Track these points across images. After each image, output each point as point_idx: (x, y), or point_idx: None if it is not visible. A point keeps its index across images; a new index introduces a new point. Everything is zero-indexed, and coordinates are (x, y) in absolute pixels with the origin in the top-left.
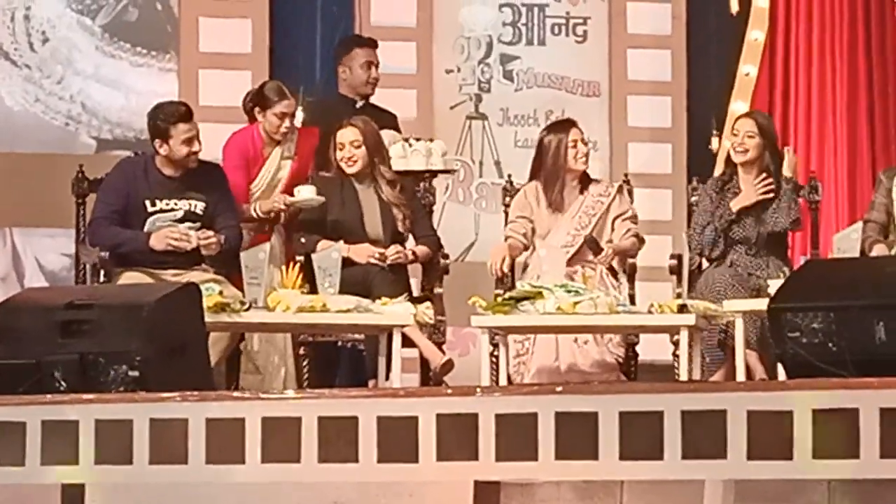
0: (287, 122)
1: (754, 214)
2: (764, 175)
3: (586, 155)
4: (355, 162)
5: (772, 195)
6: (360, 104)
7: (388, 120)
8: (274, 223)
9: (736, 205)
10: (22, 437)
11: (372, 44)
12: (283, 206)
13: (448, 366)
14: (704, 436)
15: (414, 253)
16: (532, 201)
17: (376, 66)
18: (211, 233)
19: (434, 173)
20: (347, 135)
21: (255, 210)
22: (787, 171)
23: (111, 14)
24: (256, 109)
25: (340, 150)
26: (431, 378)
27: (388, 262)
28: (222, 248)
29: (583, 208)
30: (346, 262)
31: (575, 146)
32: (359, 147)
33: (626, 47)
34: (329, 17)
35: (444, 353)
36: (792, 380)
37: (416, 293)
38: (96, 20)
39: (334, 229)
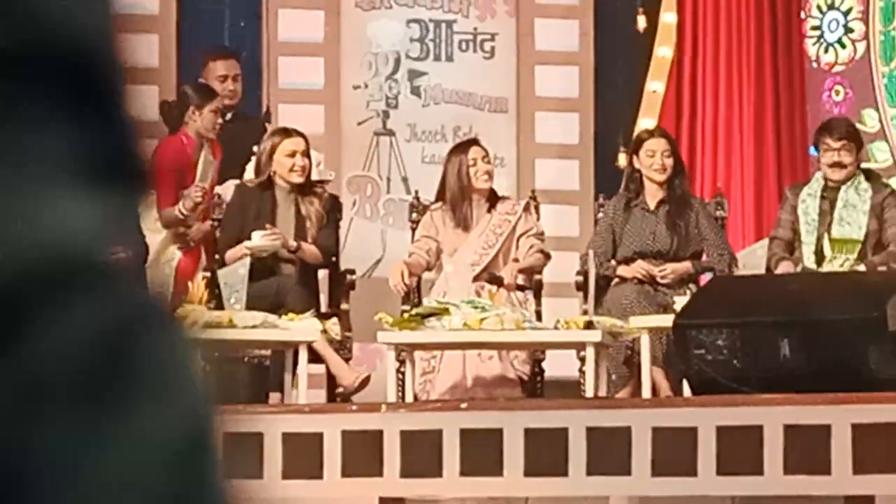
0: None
1: (668, 229)
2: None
3: (488, 172)
4: (305, 170)
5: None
6: (228, 116)
7: (254, 126)
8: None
9: (623, 272)
10: None
11: (226, 55)
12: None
13: (364, 383)
14: (609, 452)
15: (299, 247)
16: (438, 223)
17: (233, 79)
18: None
19: None
20: (298, 143)
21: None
22: None
23: None
24: (192, 110)
25: (290, 157)
26: (339, 396)
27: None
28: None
29: (490, 227)
30: (258, 276)
31: (475, 164)
32: (306, 156)
33: (533, 63)
34: (236, 33)
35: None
36: (696, 396)
37: (323, 309)
38: None
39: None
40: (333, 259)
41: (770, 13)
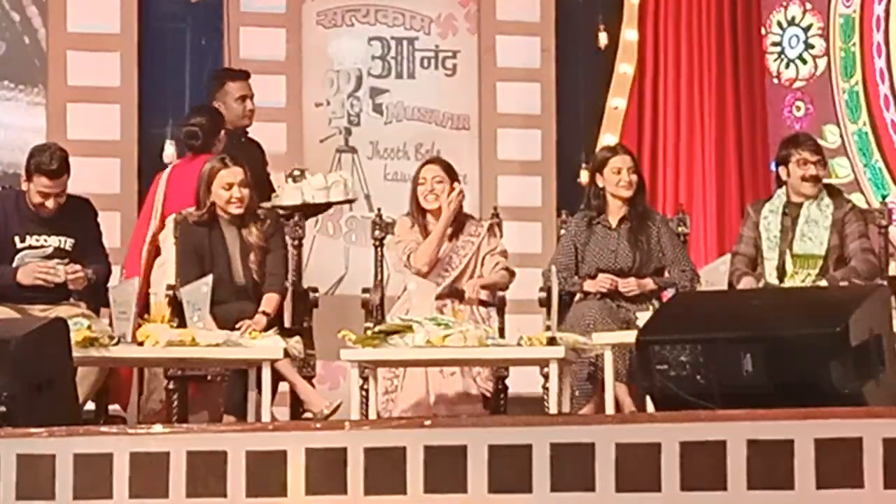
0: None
1: (630, 246)
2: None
3: (434, 193)
4: (243, 202)
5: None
6: (243, 139)
7: (258, 152)
8: None
9: (588, 286)
10: None
11: (244, 76)
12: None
13: (335, 411)
14: (573, 469)
15: (265, 313)
16: (416, 232)
17: (251, 98)
18: (78, 267)
19: (332, 204)
20: (234, 175)
21: None
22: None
23: None
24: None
25: (227, 189)
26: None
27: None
28: (90, 283)
29: (454, 248)
30: (221, 300)
31: (424, 183)
32: (245, 187)
33: (495, 80)
34: (198, 50)
35: (313, 386)
36: (660, 412)
37: (286, 326)
38: None
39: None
40: (287, 281)
41: (731, 30)
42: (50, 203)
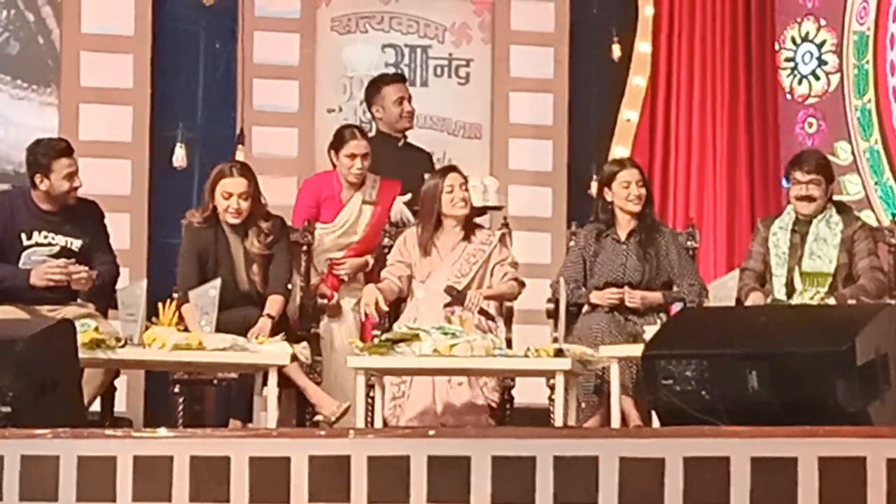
0: (358, 164)
1: (638, 260)
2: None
3: (464, 200)
4: (240, 214)
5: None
6: (401, 143)
7: (424, 160)
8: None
9: (595, 298)
10: None
11: (399, 79)
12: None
13: (345, 413)
14: (576, 481)
15: (270, 316)
16: (411, 247)
17: (409, 100)
18: (83, 268)
19: (486, 209)
20: (236, 185)
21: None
22: None
23: None
24: (332, 152)
25: (226, 199)
26: (321, 424)
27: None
28: (94, 284)
29: (464, 255)
30: (227, 303)
31: (451, 191)
32: (246, 199)
33: (508, 90)
34: (211, 54)
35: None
36: (664, 427)
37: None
38: None
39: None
40: (290, 287)
41: (744, 44)
42: (76, 182)
